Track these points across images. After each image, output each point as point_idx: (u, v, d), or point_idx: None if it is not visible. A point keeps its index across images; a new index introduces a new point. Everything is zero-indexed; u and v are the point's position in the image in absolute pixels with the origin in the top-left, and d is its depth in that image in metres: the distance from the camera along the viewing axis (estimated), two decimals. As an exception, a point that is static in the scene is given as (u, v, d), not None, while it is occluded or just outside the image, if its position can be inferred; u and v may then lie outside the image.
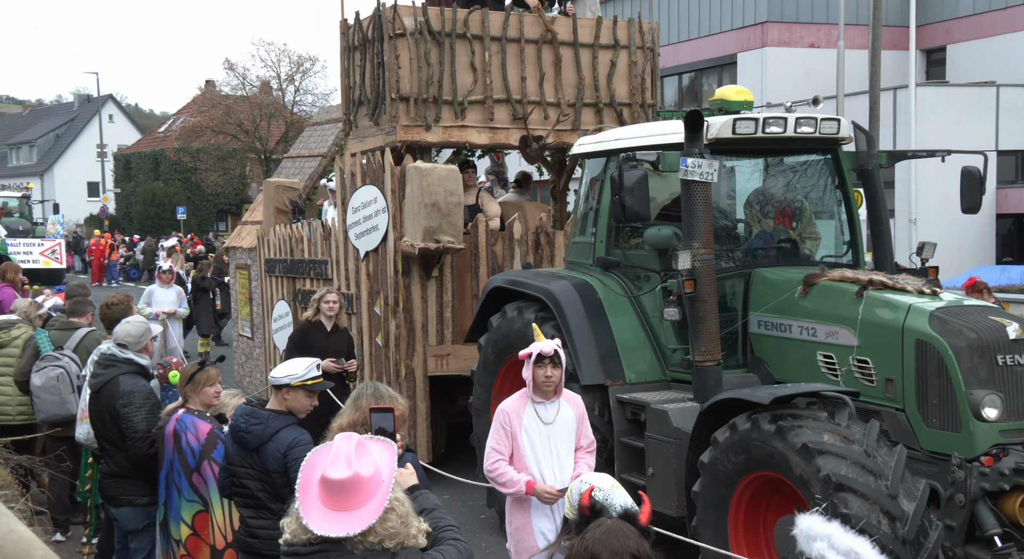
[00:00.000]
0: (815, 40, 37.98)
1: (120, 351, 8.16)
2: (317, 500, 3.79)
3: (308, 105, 63.43)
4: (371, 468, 3.81)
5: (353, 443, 3.85)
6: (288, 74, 62.91)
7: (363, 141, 13.34)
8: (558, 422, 7.41)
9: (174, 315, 17.46)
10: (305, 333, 11.41)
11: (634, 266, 10.13)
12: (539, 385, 7.30)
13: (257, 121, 61.13)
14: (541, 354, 7.26)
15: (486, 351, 10.89)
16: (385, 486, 3.83)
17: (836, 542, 3.80)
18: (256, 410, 6.38)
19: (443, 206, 11.81)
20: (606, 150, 10.25)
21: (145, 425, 7.77)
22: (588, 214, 10.74)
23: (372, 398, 5.82)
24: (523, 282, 10.51)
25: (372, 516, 3.76)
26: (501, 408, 7.44)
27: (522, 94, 12.87)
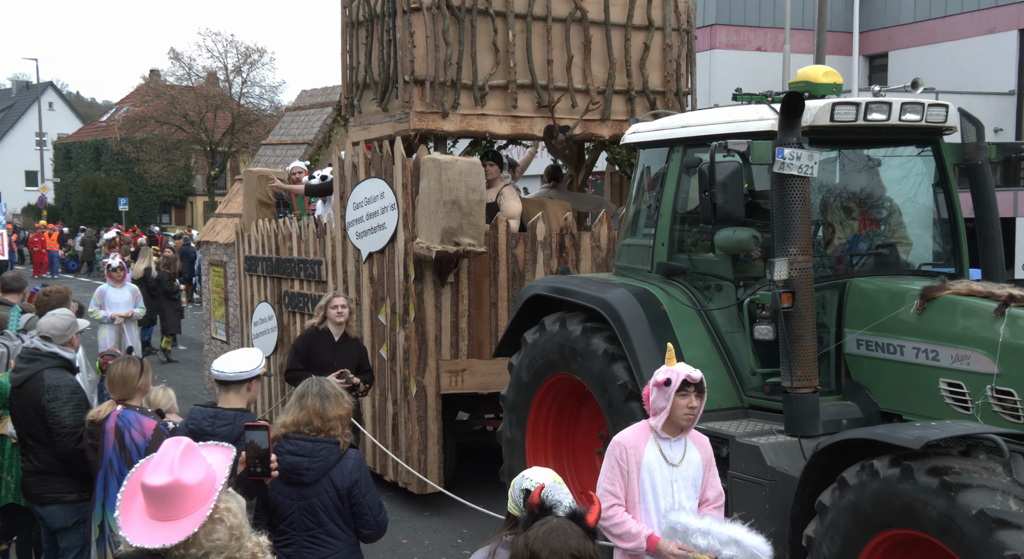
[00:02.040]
0: (762, 44, 37.62)
1: (44, 344, 7.81)
2: (142, 509, 3.49)
3: (256, 97, 61.99)
4: (198, 475, 3.49)
5: (180, 448, 3.53)
6: (235, 65, 61.13)
7: (367, 129, 11.78)
8: (684, 465, 5.97)
9: (131, 318, 15.76)
10: (310, 342, 9.88)
11: (702, 273, 8.70)
12: (677, 418, 5.86)
13: (203, 112, 60.02)
14: (688, 380, 5.83)
15: (520, 371, 9.43)
16: (215, 495, 3.50)
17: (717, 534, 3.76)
18: (219, 410, 6.13)
19: (464, 204, 10.31)
20: (670, 139, 8.80)
21: (72, 420, 7.51)
22: (644, 213, 9.30)
23: (318, 397, 5.70)
24: (572, 290, 9.05)
25: (193, 526, 3.42)
26: (618, 442, 5.97)
27: (548, 79, 11.39)
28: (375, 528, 5.88)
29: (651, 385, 5.95)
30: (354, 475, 5.73)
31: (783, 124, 7.42)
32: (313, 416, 5.70)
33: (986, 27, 33.65)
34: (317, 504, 5.72)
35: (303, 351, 9.77)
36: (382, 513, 5.92)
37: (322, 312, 9.93)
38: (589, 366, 8.60)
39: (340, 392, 5.84)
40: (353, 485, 5.72)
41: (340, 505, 5.73)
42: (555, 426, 9.58)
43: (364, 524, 5.84)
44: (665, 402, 5.84)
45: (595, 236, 11.43)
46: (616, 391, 8.35)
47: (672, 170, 8.75)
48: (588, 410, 9.46)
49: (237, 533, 3.54)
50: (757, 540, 4.07)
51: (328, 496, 5.69)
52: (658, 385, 5.87)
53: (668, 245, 8.78)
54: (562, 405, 9.50)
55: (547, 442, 9.59)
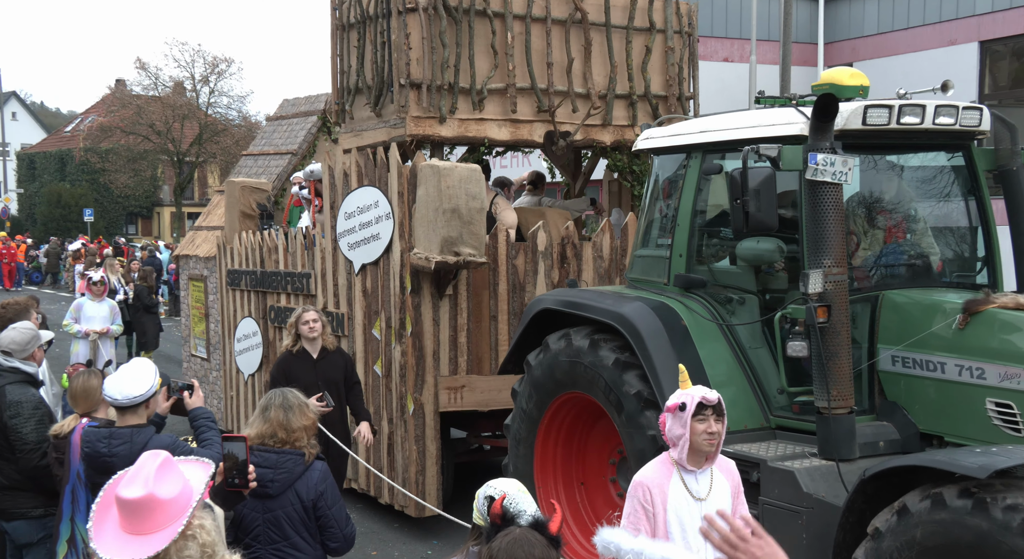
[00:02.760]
0: (729, 54, 37.80)
1: (5, 359, 7.58)
2: (116, 522, 3.41)
3: (223, 107, 61.17)
4: (174, 489, 3.41)
5: (158, 461, 3.45)
6: (203, 75, 60.22)
7: (360, 135, 11.23)
8: (712, 498, 5.44)
9: (107, 334, 15.10)
10: (287, 367, 9.21)
11: (723, 286, 8.21)
12: (698, 446, 5.32)
13: (170, 122, 59.13)
14: (703, 402, 5.28)
15: (523, 398, 8.93)
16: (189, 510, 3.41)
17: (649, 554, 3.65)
18: (114, 430, 5.98)
19: (464, 212, 9.80)
20: (688, 145, 8.31)
21: (35, 436, 7.29)
22: (658, 222, 8.80)
23: (281, 408, 5.64)
24: (585, 303, 8.54)
25: (164, 541, 3.34)
26: (639, 482, 5.43)
27: (548, 83, 10.89)
28: (342, 541, 5.80)
29: (665, 412, 5.43)
30: (320, 487, 5.65)
31: (816, 128, 6.97)
32: (277, 428, 5.64)
33: (947, 39, 33.74)
34: (282, 517, 5.63)
35: (280, 379, 9.11)
36: (349, 526, 5.84)
37: (293, 330, 9.31)
38: (599, 379, 8.09)
39: (304, 403, 5.76)
40: (319, 497, 5.64)
41: (306, 518, 5.64)
42: (564, 453, 9.06)
43: (331, 537, 5.76)
44: (682, 429, 5.32)
45: (597, 246, 10.94)
46: (631, 402, 7.84)
47: (690, 177, 8.27)
48: (598, 433, 8.96)
49: (209, 551, 3.45)
50: None
51: (294, 508, 5.60)
52: (672, 411, 5.35)
53: (686, 256, 8.29)
54: (571, 430, 8.98)
55: (556, 471, 9.08)
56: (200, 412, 6.46)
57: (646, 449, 7.63)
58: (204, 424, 6.39)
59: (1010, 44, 32.99)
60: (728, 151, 8.17)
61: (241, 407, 13.52)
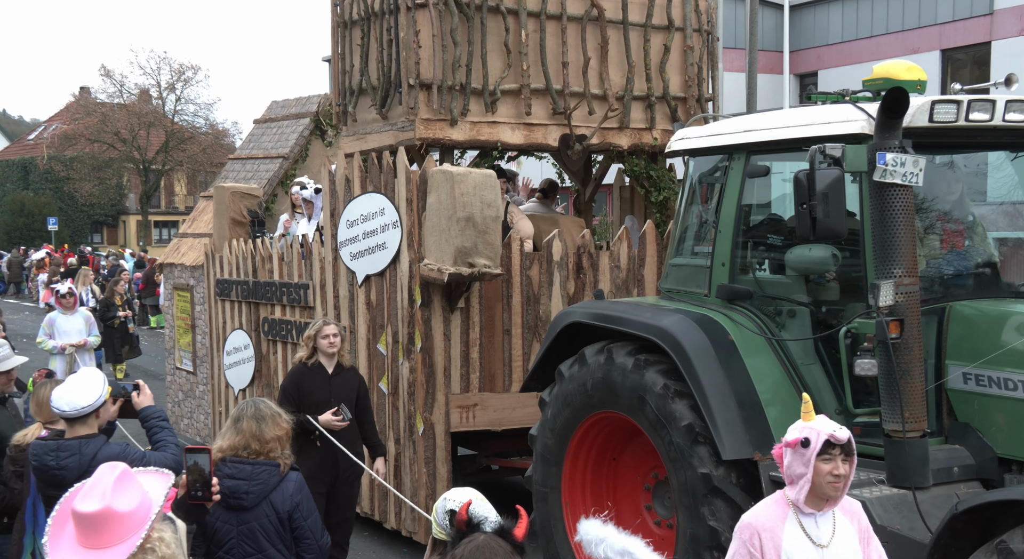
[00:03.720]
0: None
1: None
2: (72, 535, 3.31)
3: (190, 115, 60.20)
4: (132, 502, 3.30)
5: (115, 473, 3.34)
6: (169, 82, 59.26)
7: (364, 139, 10.51)
8: (836, 545, 4.74)
9: (84, 346, 14.27)
10: (299, 380, 8.54)
11: (772, 297, 7.56)
12: (822, 489, 4.62)
13: (135, 130, 58.56)
14: (831, 441, 4.58)
15: (554, 409, 8.22)
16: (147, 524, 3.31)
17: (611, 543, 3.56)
18: (62, 442, 5.76)
19: (479, 221, 9.12)
20: (731, 145, 7.66)
21: None
22: (696, 229, 8.16)
23: (253, 419, 5.55)
24: (620, 317, 7.87)
25: (122, 555, 3.25)
26: (748, 523, 4.73)
27: (563, 83, 10.22)
28: (317, 552, 5.66)
29: (783, 446, 4.73)
30: (295, 498, 5.54)
31: (884, 125, 6.36)
32: (250, 439, 5.54)
33: (910, 47, 34.18)
34: (257, 529, 5.50)
35: (293, 392, 8.44)
36: (324, 537, 5.73)
37: (311, 343, 8.60)
38: (643, 405, 7.41)
39: (277, 412, 5.64)
40: (294, 508, 5.53)
41: (281, 529, 5.52)
42: (594, 470, 8.38)
43: (306, 548, 5.62)
44: (804, 468, 4.61)
45: (614, 255, 10.27)
46: (680, 434, 7.16)
47: (732, 180, 7.62)
48: (632, 454, 8.30)
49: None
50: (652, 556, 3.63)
51: (268, 520, 5.48)
52: (793, 446, 4.64)
53: (729, 265, 7.64)
54: (603, 447, 8.30)
55: (585, 488, 8.39)
56: (151, 412, 6.20)
57: (696, 487, 6.98)
58: (156, 425, 6.16)
59: (971, 52, 33.20)
60: (776, 152, 7.54)
61: (231, 425, 12.74)
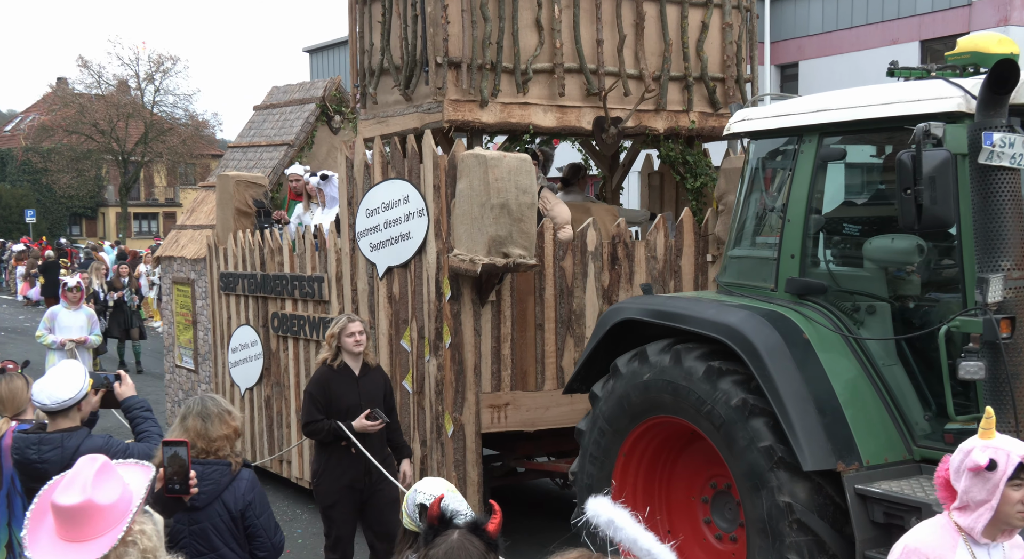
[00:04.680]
0: None
1: None
2: (51, 529, 3.23)
3: (169, 106, 59.19)
4: (113, 495, 3.22)
5: (95, 466, 3.24)
6: (147, 73, 58.14)
7: (385, 122, 9.77)
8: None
9: (84, 344, 13.49)
10: (325, 384, 7.82)
11: (849, 292, 6.88)
12: (1007, 517, 3.93)
13: (114, 121, 57.53)
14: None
15: (608, 407, 7.50)
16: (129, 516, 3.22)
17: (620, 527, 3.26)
18: (44, 435, 5.67)
19: (514, 208, 8.42)
20: (801, 126, 6.97)
21: None
22: (759, 218, 7.47)
23: (199, 417, 5.36)
24: (681, 314, 7.17)
25: (104, 548, 3.16)
26: (915, 549, 4.01)
27: (597, 62, 9.51)
28: (270, 550, 5.53)
29: (960, 467, 4.02)
30: (247, 497, 5.39)
31: (988, 102, 5.71)
32: (196, 438, 5.36)
33: (889, 38, 34.26)
34: (209, 528, 5.35)
35: (320, 398, 7.73)
36: (278, 535, 5.57)
37: (334, 342, 7.85)
38: (715, 417, 6.69)
39: (226, 410, 5.44)
40: (247, 507, 5.39)
41: (234, 528, 5.38)
42: (647, 473, 7.68)
43: (259, 547, 5.48)
44: (988, 494, 3.90)
45: (651, 245, 9.58)
46: (757, 456, 6.44)
47: (802, 164, 6.94)
48: (688, 461, 7.61)
49: (150, 557, 3.31)
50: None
51: (221, 519, 5.33)
52: (976, 470, 3.94)
53: (800, 257, 6.95)
54: (659, 449, 7.60)
55: (637, 491, 7.68)
56: (134, 402, 6.07)
57: (775, 515, 6.29)
58: (139, 415, 6.03)
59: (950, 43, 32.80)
60: (854, 133, 6.86)
61: (236, 425, 11.99)
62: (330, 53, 49.47)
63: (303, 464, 10.84)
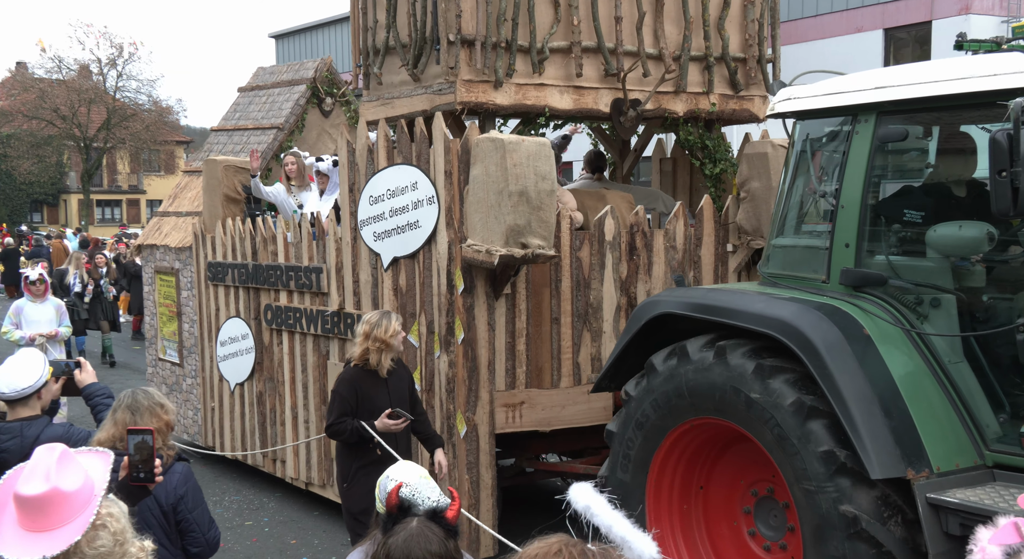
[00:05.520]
0: None
1: None
2: (14, 520, 3.10)
3: (132, 92, 57.83)
4: (76, 482, 3.12)
5: (55, 455, 3.15)
6: (110, 58, 56.76)
7: (390, 104, 9.11)
8: None
9: (55, 337, 12.72)
10: (356, 384, 7.25)
11: (911, 283, 6.33)
12: None
13: (75, 107, 56.15)
14: None
15: (643, 406, 6.92)
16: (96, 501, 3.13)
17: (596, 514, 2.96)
18: (2, 425, 5.60)
19: (533, 196, 7.83)
20: (857, 105, 6.40)
21: None
22: (804, 204, 6.91)
23: (128, 410, 5.13)
24: (723, 307, 6.60)
25: (75, 534, 3.05)
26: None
27: (616, 41, 8.90)
28: (204, 546, 5.35)
29: None
30: (179, 490, 5.23)
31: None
32: (124, 432, 5.08)
33: (854, 26, 34.31)
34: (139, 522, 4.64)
35: (350, 398, 7.16)
36: (212, 530, 5.39)
37: (376, 344, 7.23)
38: (766, 419, 6.13)
39: (158, 403, 5.23)
40: (178, 501, 5.23)
41: (164, 523, 5.21)
42: (684, 475, 7.10)
43: (192, 542, 5.31)
44: None
45: (670, 234, 9.01)
46: (815, 462, 5.88)
47: (858, 146, 6.37)
48: (729, 464, 7.05)
49: (121, 539, 3.17)
50: None
51: (151, 513, 5.15)
52: None
53: (855, 246, 6.39)
54: (697, 453, 7.03)
55: (672, 494, 7.11)
56: (94, 389, 5.95)
57: (836, 527, 5.73)
58: (101, 402, 5.88)
59: (912, 31, 32.74)
60: (919, 111, 6.29)
61: (225, 420, 11.32)
62: (296, 39, 48.60)
63: (298, 463, 10.20)
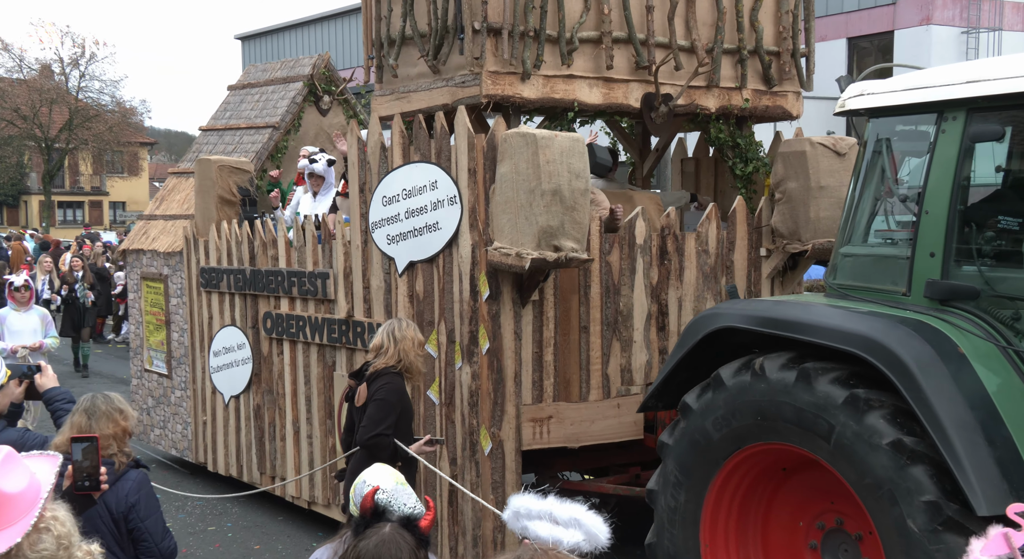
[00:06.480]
0: None
1: None
2: None
3: (95, 92, 56.51)
4: (20, 484, 3.01)
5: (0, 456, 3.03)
6: (72, 58, 55.41)
7: (407, 98, 8.34)
8: None
9: (39, 349, 11.74)
10: (403, 396, 6.65)
11: (1008, 297, 5.64)
12: None
13: (37, 107, 54.78)
14: None
15: (703, 424, 6.21)
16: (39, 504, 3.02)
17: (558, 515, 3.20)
18: None
19: (567, 195, 7.12)
20: (946, 101, 5.72)
21: None
22: (881, 209, 6.23)
23: (84, 414, 4.99)
24: (796, 322, 5.90)
25: (16, 536, 2.94)
26: None
27: (647, 32, 8.19)
28: (157, 556, 5.12)
29: None
30: (131, 498, 5.03)
31: None
32: None
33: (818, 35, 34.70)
34: (91, 530, 4.82)
35: (398, 405, 6.65)
36: (167, 539, 5.17)
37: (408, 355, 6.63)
38: (857, 458, 5.41)
39: (117, 408, 5.05)
40: (130, 509, 5.04)
41: (115, 530, 5.01)
42: (743, 500, 6.39)
43: (145, 551, 5.10)
44: None
45: (702, 238, 8.32)
46: (920, 514, 5.16)
47: (945, 145, 5.69)
48: (791, 492, 6.34)
49: (65, 542, 3.04)
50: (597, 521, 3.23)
51: (102, 520, 4.95)
52: None
53: (942, 255, 5.71)
54: (760, 476, 6.33)
55: (730, 519, 6.40)
56: (55, 394, 5.78)
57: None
58: (61, 407, 5.70)
59: (875, 41, 32.56)
60: (1016, 108, 5.62)
61: (219, 435, 10.49)
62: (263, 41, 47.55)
63: (300, 484, 9.40)
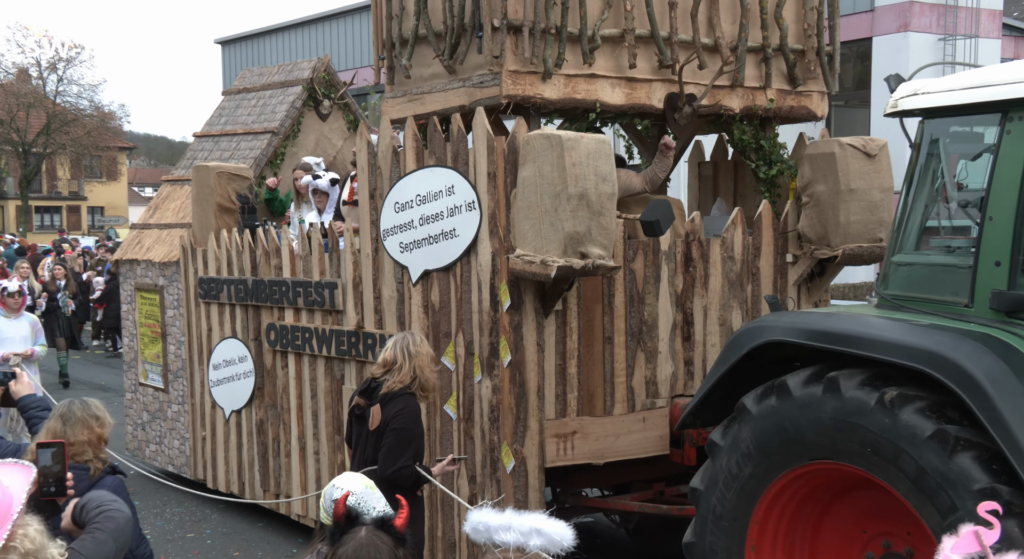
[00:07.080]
0: None
1: None
2: None
3: (73, 96, 55.66)
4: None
5: None
6: (50, 62, 54.55)
7: (420, 100, 7.89)
8: None
9: (31, 357, 11.24)
10: (420, 416, 6.29)
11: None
12: None
13: (13, 111, 53.85)
14: None
15: (735, 459, 5.79)
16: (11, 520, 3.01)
17: (518, 527, 3.16)
18: None
19: (594, 200, 6.72)
20: (1010, 100, 5.32)
21: None
22: (937, 214, 5.83)
23: (59, 419, 4.94)
24: (852, 335, 5.49)
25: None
26: None
27: (670, 30, 7.77)
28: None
29: None
30: None
31: None
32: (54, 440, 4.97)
33: None
34: (62, 535, 4.54)
35: (420, 431, 6.16)
36: (143, 546, 5.15)
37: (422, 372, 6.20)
38: (897, 457, 5.01)
39: (93, 415, 4.98)
40: None
41: None
42: (788, 530, 5.98)
43: None
44: None
45: (727, 244, 7.92)
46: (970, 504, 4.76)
47: (1012, 148, 5.29)
48: (841, 512, 5.93)
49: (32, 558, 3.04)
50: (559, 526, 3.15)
51: None
52: None
53: (1009, 264, 5.30)
54: (803, 502, 5.91)
55: (781, 525, 5.97)
56: (30, 401, 5.69)
57: None
58: (36, 415, 5.57)
59: (854, 47, 32.28)
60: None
61: (219, 451, 10.01)
62: (243, 45, 46.83)
63: (306, 504, 8.95)
